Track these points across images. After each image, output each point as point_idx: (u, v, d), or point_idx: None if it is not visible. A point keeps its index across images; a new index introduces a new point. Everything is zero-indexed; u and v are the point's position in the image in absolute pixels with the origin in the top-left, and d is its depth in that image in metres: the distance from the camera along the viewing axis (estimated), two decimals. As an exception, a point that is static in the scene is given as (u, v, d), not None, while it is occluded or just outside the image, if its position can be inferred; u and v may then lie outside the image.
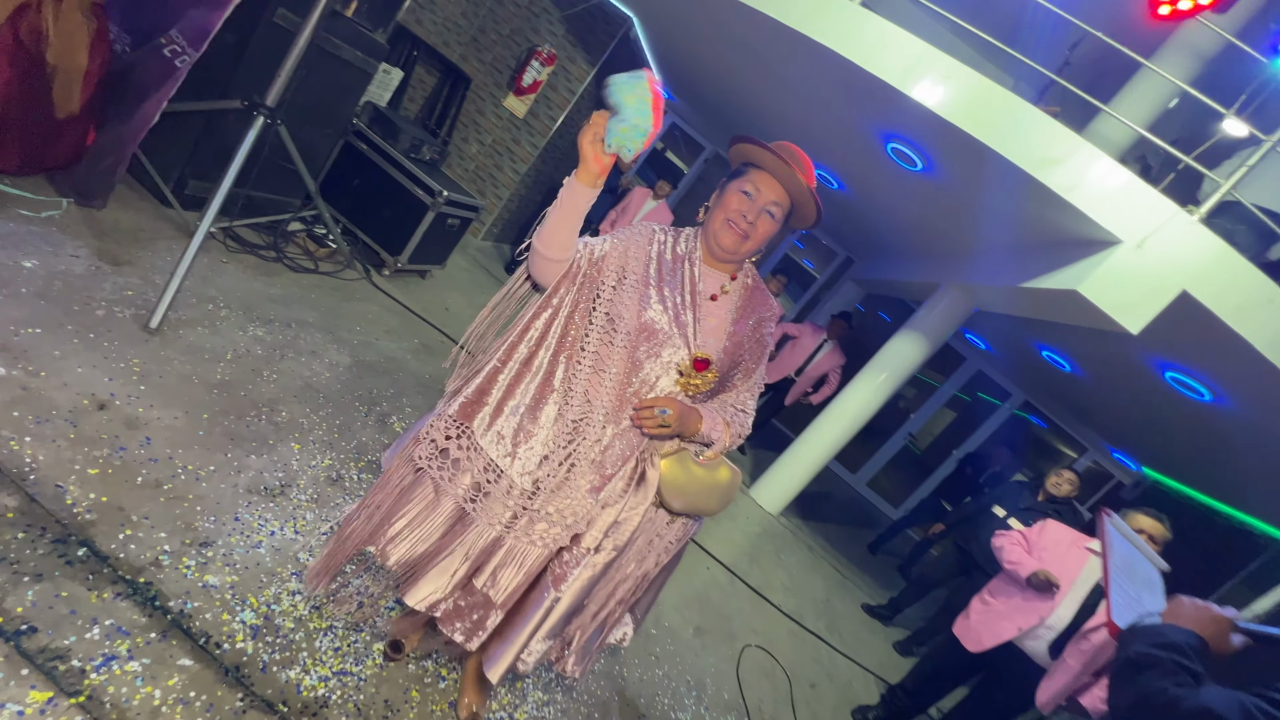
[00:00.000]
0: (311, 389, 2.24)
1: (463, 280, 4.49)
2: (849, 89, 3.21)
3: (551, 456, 1.24)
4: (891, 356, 4.55)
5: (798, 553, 4.43)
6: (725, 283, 1.29)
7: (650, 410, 1.17)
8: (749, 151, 1.23)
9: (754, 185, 1.21)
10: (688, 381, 1.23)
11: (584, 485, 1.24)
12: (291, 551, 1.60)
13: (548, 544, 1.24)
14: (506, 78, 5.47)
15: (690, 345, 1.22)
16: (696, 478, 1.26)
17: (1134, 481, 7.01)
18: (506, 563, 1.25)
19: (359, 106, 3.51)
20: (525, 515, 1.24)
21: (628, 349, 1.22)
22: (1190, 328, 2.78)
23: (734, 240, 1.22)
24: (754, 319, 1.31)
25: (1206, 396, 3.52)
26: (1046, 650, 2.47)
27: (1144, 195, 2.60)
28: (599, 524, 1.25)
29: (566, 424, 1.25)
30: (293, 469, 1.84)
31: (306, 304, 2.74)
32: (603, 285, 1.24)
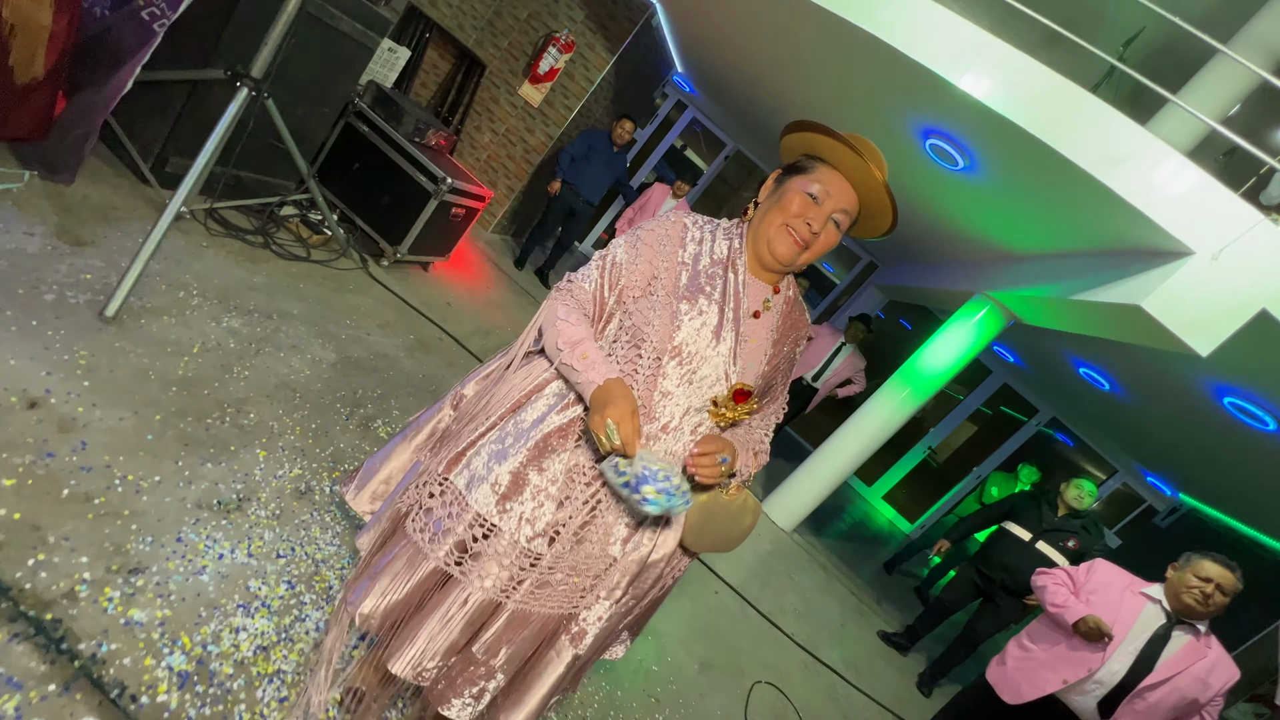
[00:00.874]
0: (287, 387, 2.03)
1: (468, 273, 4.28)
2: (890, 79, 2.94)
3: (572, 499, 1.02)
4: (917, 370, 4.27)
5: (811, 573, 4.17)
6: (769, 296, 1.07)
7: (711, 457, 0.97)
8: (814, 142, 1.00)
9: (822, 186, 0.99)
10: (721, 413, 1.03)
11: (609, 537, 1.04)
12: (241, 579, 1.39)
13: (561, 606, 1.04)
14: (523, 65, 5.26)
15: (730, 372, 1.01)
16: (721, 514, 1.05)
17: (1168, 508, 6.65)
18: (512, 626, 1.03)
19: (360, 85, 3.31)
20: (530, 577, 1.02)
21: (653, 373, 1.00)
22: (1266, 351, 2.49)
23: (791, 250, 1.00)
24: (791, 338, 1.11)
25: (1271, 426, 3.21)
26: (1095, 708, 2.20)
27: (1222, 201, 2.32)
28: (623, 571, 1.06)
29: (586, 462, 1.03)
30: (254, 480, 1.64)
31: (293, 294, 2.54)
32: (632, 296, 1.04)
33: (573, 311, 1.04)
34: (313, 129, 2.98)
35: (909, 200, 4.46)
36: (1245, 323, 2.31)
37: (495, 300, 4.24)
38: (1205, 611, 2.15)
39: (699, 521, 1.05)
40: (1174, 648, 2.17)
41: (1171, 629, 2.20)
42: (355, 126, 3.32)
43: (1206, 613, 2.15)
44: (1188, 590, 2.17)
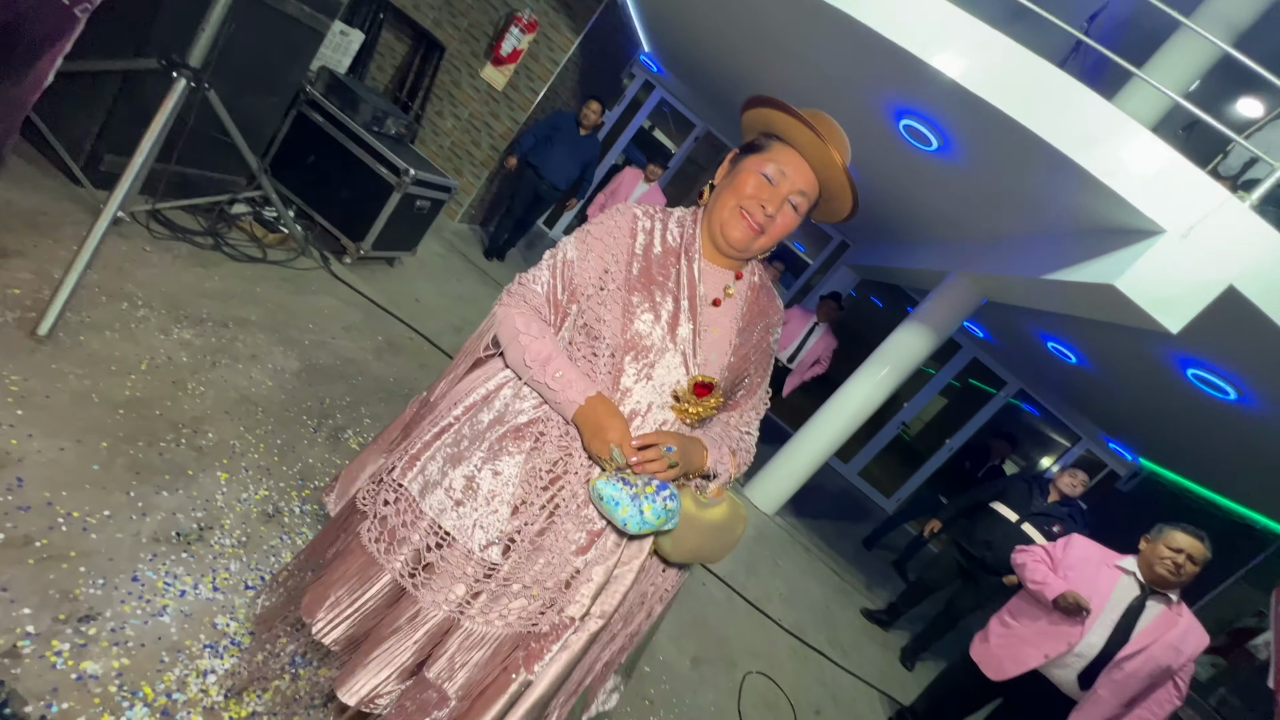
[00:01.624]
0: (248, 402, 1.92)
1: (436, 268, 4.14)
2: (862, 58, 2.89)
3: (529, 503, 0.96)
4: (894, 349, 4.30)
5: (794, 556, 4.22)
6: (730, 283, 1.02)
7: (655, 449, 0.91)
8: (771, 119, 0.95)
9: (778, 166, 0.94)
10: (684, 409, 0.97)
11: (568, 546, 0.97)
12: (206, 616, 1.30)
13: (520, 624, 0.96)
14: (484, 46, 5.05)
15: (689, 364, 0.96)
16: (699, 520, 0.98)
17: (1130, 472, 6.92)
18: (467, 647, 0.96)
19: (311, 72, 3.12)
20: (486, 591, 0.96)
21: (612, 371, 0.96)
22: (1232, 326, 2.55)
23: (744, 234, 0.96)
24: (761, 325, 1.05)
25: (1231, 396, 3.32)
26: (1075, 680, 2.27)
27: (1190, 178, 2.34)
28: (587, 587, 0.97)
29: (543, 465, 0.97)
30: (217, 506, 1.53)
31: (249, 299, 2.40)
32: (585, 293, 0.99)
33: (532, 322, 0.98)
34: (262, 120, 2.80)
35: (882, 181, 4.44)
36: (1213, 299, 2.36)
37: (466, 294, 4.11)
38: (1177, 581, 2.22)
39: (675, 528, 0.97)
40: (1148, 618, 2.24)
41: (1145, 600, 2.26)
42: (308, 116, 3.14)
43: (1178, 582, 2.22)
44: (1160, 561, 2.23)
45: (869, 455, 8.26)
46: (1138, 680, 2.20)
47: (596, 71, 5.78)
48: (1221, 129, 2.59)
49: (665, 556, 1.03)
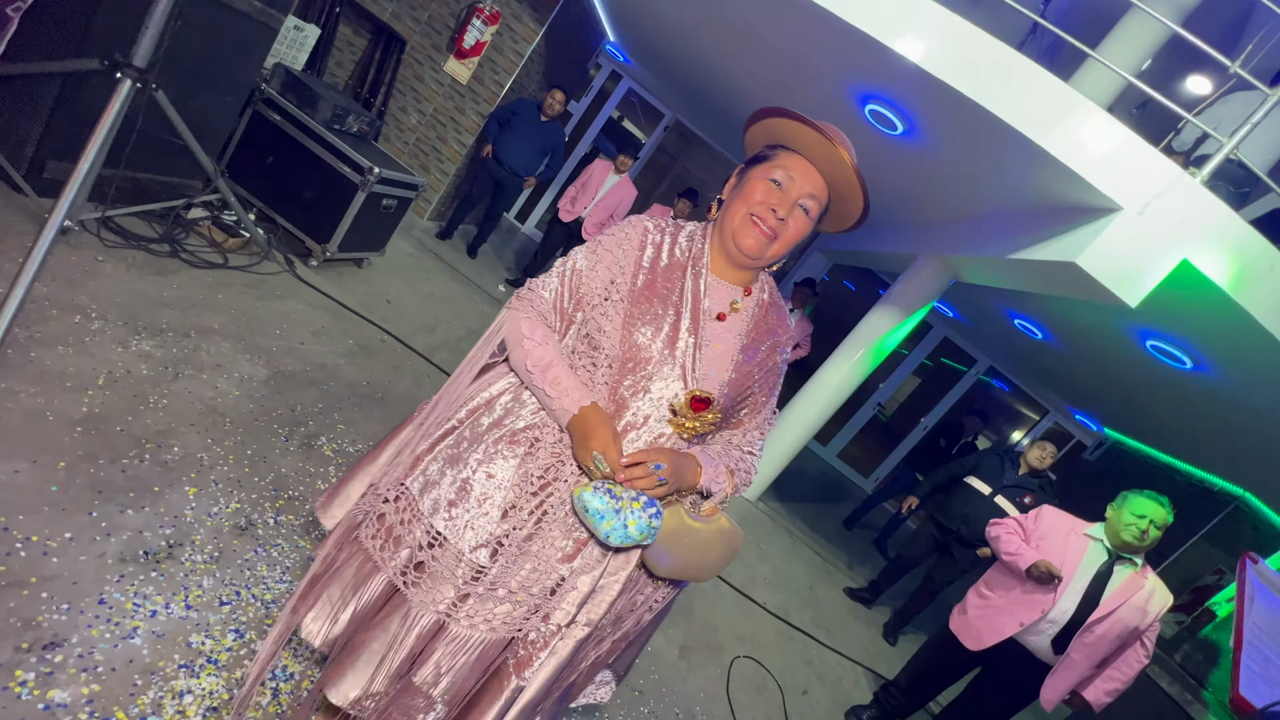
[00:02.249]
0: (215, 413, 1.86)
1: (407, 267, 4.06)
2: (825, 43, 2.90)
3: (519, 508, 0.96)
4: (867, 332, 4.37)
5: (778, 540, 4.28)
6: (737, 298, 1.00)
7: (643, 466, 0.90)
8: (778, 128, 0.95)
9: (785, 172, 0.93)
10: (681, 423, 0.96)
11: (554, 553, 0.97)
12: (180, 635, 1.26)
13: (505, 630, 0.96)
14: (446, 39, 4.95)
15: (687, 378, 0.95)
16: (689, 536, 0.97)
17: (1096, 443, 7.15)
18: (454, 652, 0.96)
19: (266, 70, 3.02)
20: (474, 595, 0.96)
21: (611, 382, 0.96)
22: (1186, 297, 2.64)
23: (757, 241, 0.94)
24: (767, 344, 1.03)
25: (1187, 365, 3.45)
26: (1049, 646, 2.35)
27: (1146, 157, 2.41)
28: (573, 595, 0.97)
29: (535, 470, 0.97)
30: (186, 522, 1.49)
31: (211, 307, 2.32)
32: (591, 303, 0.99)
33: (537, 328, 0.99)
34: (216, 121, 2.70)
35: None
36: (1169, 273, 2.44)
37: (438, 293, 4.05)
38: (1142, 546, 2.30)
39: (662, 542, 0.96)
40: (1116, 582, 2.33)
41: (1113, 565, 2.35)
42: (265, 115, 3.04)
43: (1143, 547, 2.31)
44: (1125, 528, 2.32)
45: (847, 437, 8.40)
46: (1108, 642, 2.29)
47: (562, 62, 5.71)
48: (1173, 107, 2.66)
49: (652, 570, 1.02)
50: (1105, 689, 2.32)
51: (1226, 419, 3.96)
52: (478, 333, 3.88)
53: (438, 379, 3.01)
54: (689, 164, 11.76)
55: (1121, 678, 2.30)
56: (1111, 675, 2.31)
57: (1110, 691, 2.31)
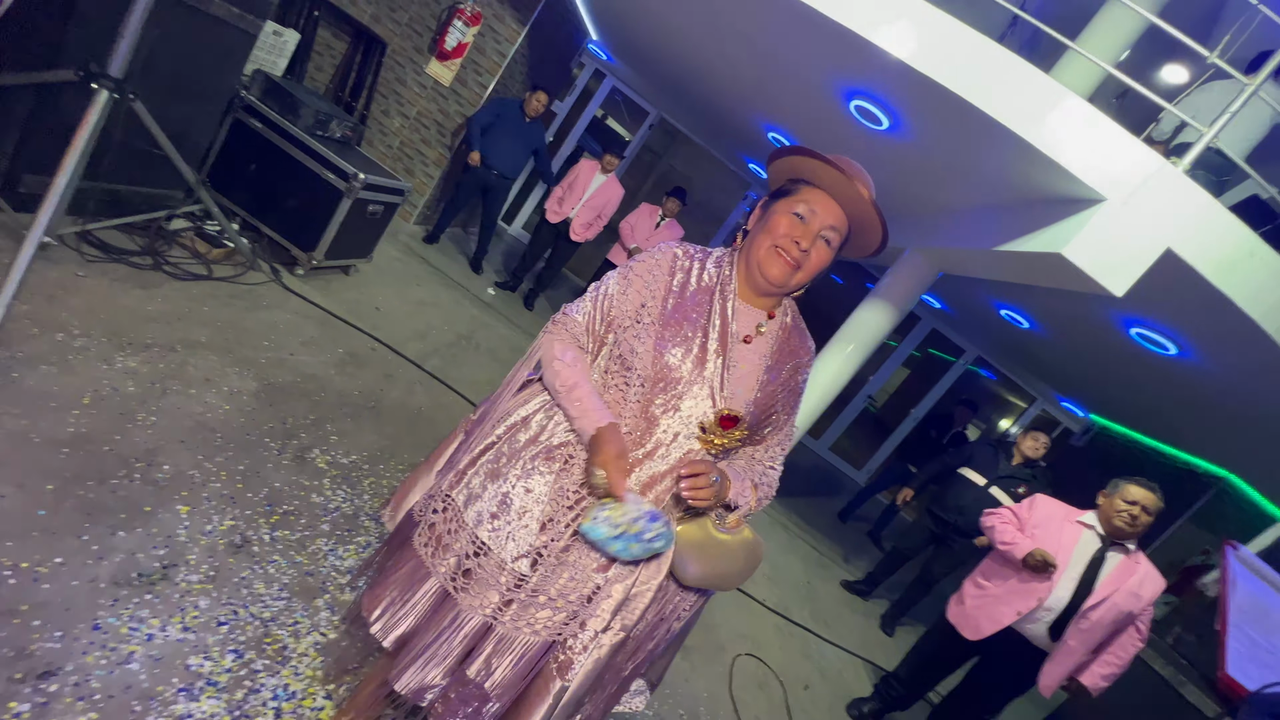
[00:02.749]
0: (205, 429, 1.83)
1: (395, 273, 4.02)
2: (808, 38, 2.91)
3: (555, 521, 1.03)
4: (858, 327, 4.38)
5: (774, 534, 4.30)
6: (762, 321, 1.07)
7: (704, 478, 0.96)
8: (799, 165, 1.02)
9: (808, 206, 1.00)
10: (710, 440, 1.02)
11: (590, 563, 1.03)
12: (178, 658, 1.24)
13: (546, 633, 1.03)
14: (427, 41, 4.90)
15: (716, 397, 1.01)
16: (715, 548, 1.05)
17: (1082, 428, 7.26)
18: (501, 650, 1.03)
19: (246, 76, 2.97)
20: (517, 602, 1.02)
21: (642, 400, 1.02)
22: (1170, 286, 2.68)
23: (783, 271, 1.01)
24: (790, 365, 1.09)
25: (1172, 351, 3.50)
26: (1046, 633, 2.38)
27: (1129, 147, 2.44)
28: (607, 603, 1.03)
29: (570, 485, 1.03)
30: (180, 541, 1.47)
31: (197, 320, 2.29)
32: (622, 325, 1.06)
33: (569, 349, 1.06)
34: (196, 130, 2.65)
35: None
36: (1153, 262, 2.47)
37: (429, 299, 4.01)
38: (1134, 531, 2.34)
39: (690, 552, 1.04)
40: (1109, 568, 2.36)
41: (1106, 551, 2.38)
42: (246, 123, 2.99)
43: (1135, 532, 2.35)
44: (1117, 514, 2.35)
45: (839, 430, 8.45)
46: (1103, 628, 2.32)
47: (546, 62, 5.68)
48: (1152, 96, 2.70)
49: (680, 576, 1.08)
50: (1102, 674, 2.35)
51: (1210, 403, 4.03)
52: (469, 338, 3.85)
53: (430, 386, 2.99)
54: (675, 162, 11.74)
55: (1118, 662, 2.33)
56: (1107, 660, 2.35)
57: (1107, 676, 2.34)
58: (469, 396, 3.12)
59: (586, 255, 8.39)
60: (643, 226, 5.32)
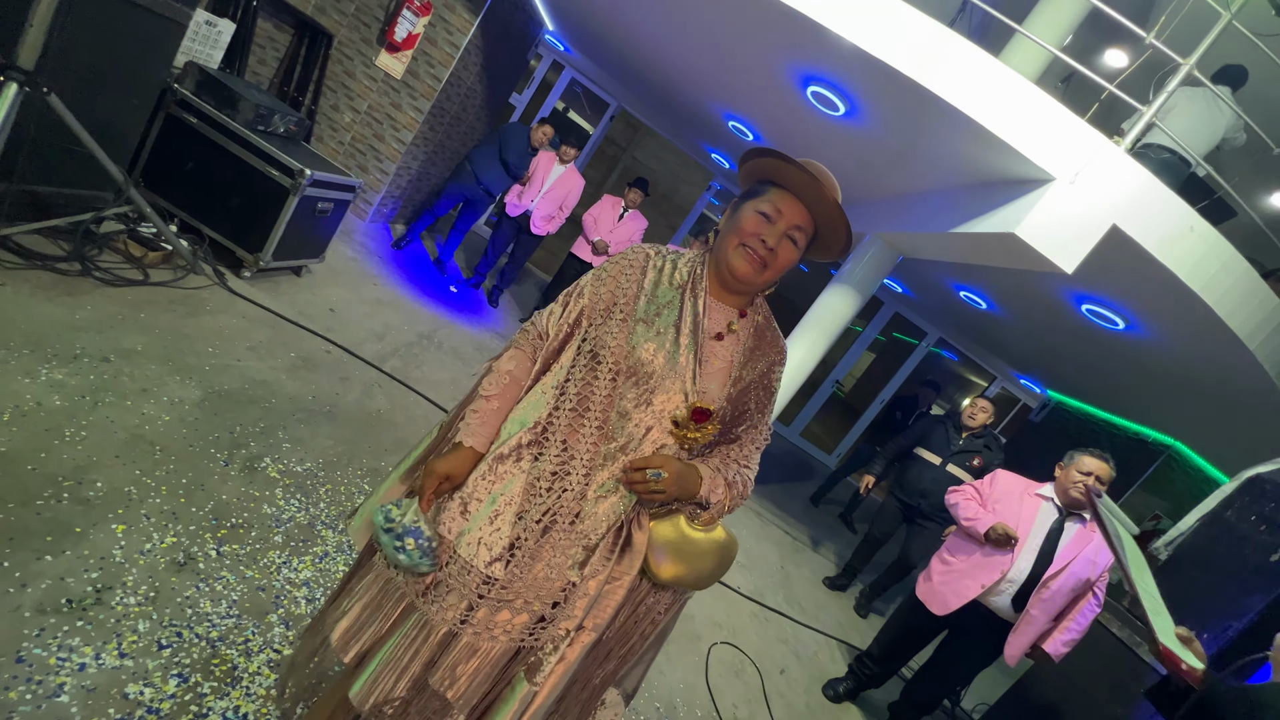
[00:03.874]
0: (142, 441, 1.73)
1: (350, 273, 3.89)
2: (764, 25, 2.89)
3: (527, 514, 1.00)
4: (822, 313, 4.42)
5: (748, 522, 4.32)
6: (734, 320, 1.09)
7: (642, 472, 0.98)
8: (767, 167, 1.05)
9: (774, 206, 1.02)
10: (683, 434, 1.02)
11: (563, 559, 1.01)
12: (114, 687, 1.16)
13: (513, 636, 1.00)
14: (376, 32, 4.73)
15: (689, 391, 1.01)
16: (688, 545, 1.05)
17: (1040, 404, 7.51)
18: (465, 656, 0.99)
19: (177, 69, 2.81)
20: (484, 604, 0.99)
21: (612, 394, 1.02)
22: (1117, 261, 2.77)
23: (750, 268, 1.03)
24: (763, 363, 1.10)
25: (1120, 326, 3.63)
26: (1010, 604, 2.44)
27: (1074, 128, 2.50)
28: (582, 601, 1.02)
29: (542, 476, 1.01)
30: (114, 562, 1.38)
31: (133, 326, 2.16)
32: (591, 320, 1.06)
33: (515, 360, 1.09)
34: (123, 126, 2.50)
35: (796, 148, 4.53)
36: (1100, 238, 2.54)
37: (385, 299, 3.89)
38: (1089, 501, 2.41)
39: (663, 550, 1.04)
40: (1067, 538, 2.43)
41: (1064, 522, 2.45)
42: (180, 118, 2.83)
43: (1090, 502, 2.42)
44: (1074, 485, 2.42)
45: (808, 416, 8.57)
46: (1063, 596, 2.40)
47: (501, 53, 5.56)
48: (1095, 79, 2.77)
49: (652, 575, 1.07)
50: (1063, 640, 2.42)
51: (1156, 374, 4.20)
52: (430, 337, 3.76)
53: (390, 388, 2.90)
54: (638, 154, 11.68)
55: (1077, 629, 2.41)
56: (1068, 627, 2.42)
57: (1068, 642, 2.42)
58: (431, 397, 3.04)
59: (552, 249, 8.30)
60: (606, 219, 5.27)
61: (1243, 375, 3.33)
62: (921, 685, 2.71)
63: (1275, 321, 3.00)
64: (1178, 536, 3.09)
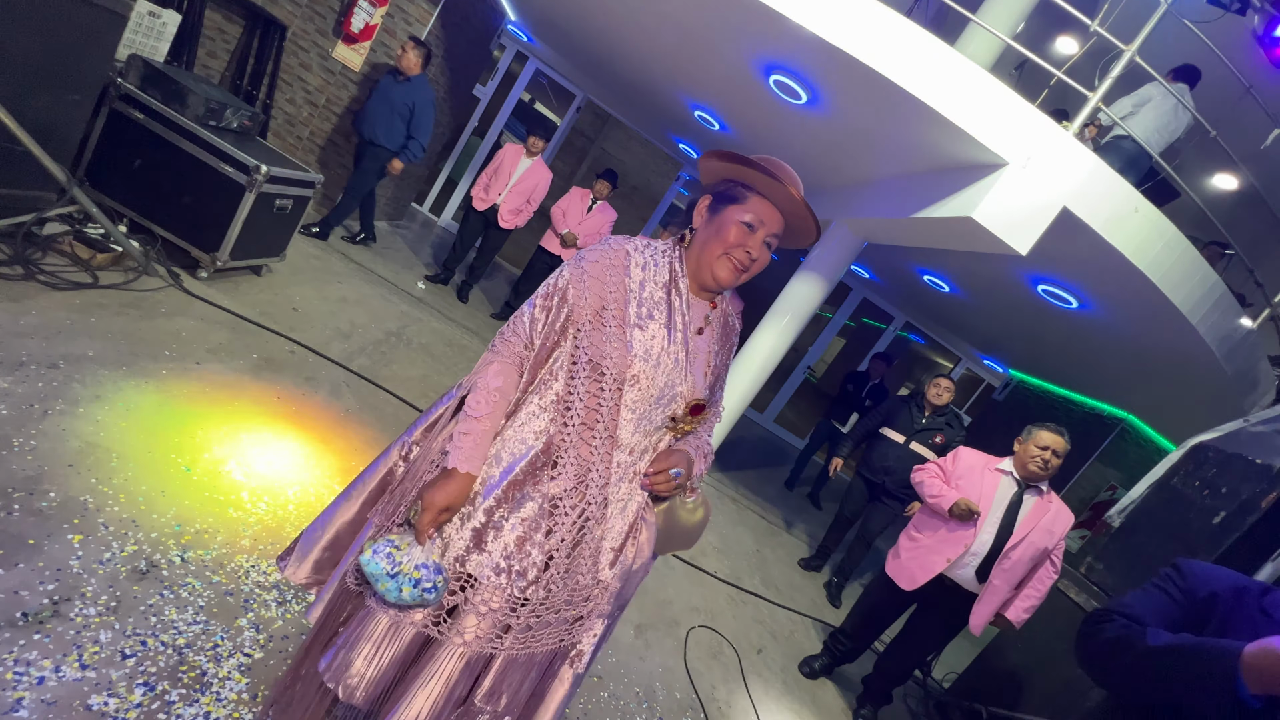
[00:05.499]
0: (97, 449, 1.68)
1: (312, 271, 3.80)
2: (725, 14, 2.91)
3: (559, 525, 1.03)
4: (792, 299, 4.49)
5: (723, 508, 4.39)
6: (708, 313, 1.15)
7: (665, 473, 1.06)
8: (738, 172, 1.08)
9: (756, 216, 1.07)
10: (679, 428, 1.11)
11: (594, 565, 1.06)
12: (77, 700, 1.14)
13: (559, 641, 1.06)
14: (331, 23, 4.60)
15: (684, 388, 1.08)
16: (680, 523, 1.15)
17: (1003, 383, 7.75)
18: (508, 672, 1.04)
19: (119, 62, 2.70)
20: (522, 620, 1.02)
21: (615, 401, 1.05)
22: (1067, 242, 2.87)
23: (733, 276, 1.08)
24: (728, 350, 1.21)
25: (1073, 305, 3.77)
26: (974, 576, 2.53)
27: (1025, 113, 2.57)
28: (604, 596, 1.09)
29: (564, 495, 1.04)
30: (72, 573, 1.34)
31: (83, 332, 2.08)
32: (580, 326, 1.05)
33: (503, 375, 1.05)
34: (63, 123, 2.39)
35: (760, 137, 4.57)
36: (1052, 220, 2.63)
37: (351, 296, 3.82)
38: (1046, 474, 2.52)
39: (665, 530, 1.14)
40: (1026, 509, 2.54)
41: (1022, 494, 2.56)
42: (125, 114, 2.72)
43: (1047, 475, 2.53)
44: (1031, 459, 2.53)
45: (781, 401, 8.70)
46: (1023, 565, 2.50)
47: (462, 44, 5.46)
48: (1047, 66, 2.86)
49: (655, 552, 1.17)
50: (1024, 607, 2.53)
51: (1108, 350, 4.38)
52: (398, 334, 3.70)
53: (358, 386, 2.85)
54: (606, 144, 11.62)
55: (1036, 595, 2.52)
56: (1028, 594, 2.53)
57: (1028, 609, 2.53)
58: (401, 395, 3.00)
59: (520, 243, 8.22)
60: (574, 211, 5.24)
61: (1186, 348, 3.50)
62: (893, 658, 2.81)
63: (1215, 296, 3.15)
64: (1129, 504, 3.24)
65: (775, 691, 2.64)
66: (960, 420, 3.90)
